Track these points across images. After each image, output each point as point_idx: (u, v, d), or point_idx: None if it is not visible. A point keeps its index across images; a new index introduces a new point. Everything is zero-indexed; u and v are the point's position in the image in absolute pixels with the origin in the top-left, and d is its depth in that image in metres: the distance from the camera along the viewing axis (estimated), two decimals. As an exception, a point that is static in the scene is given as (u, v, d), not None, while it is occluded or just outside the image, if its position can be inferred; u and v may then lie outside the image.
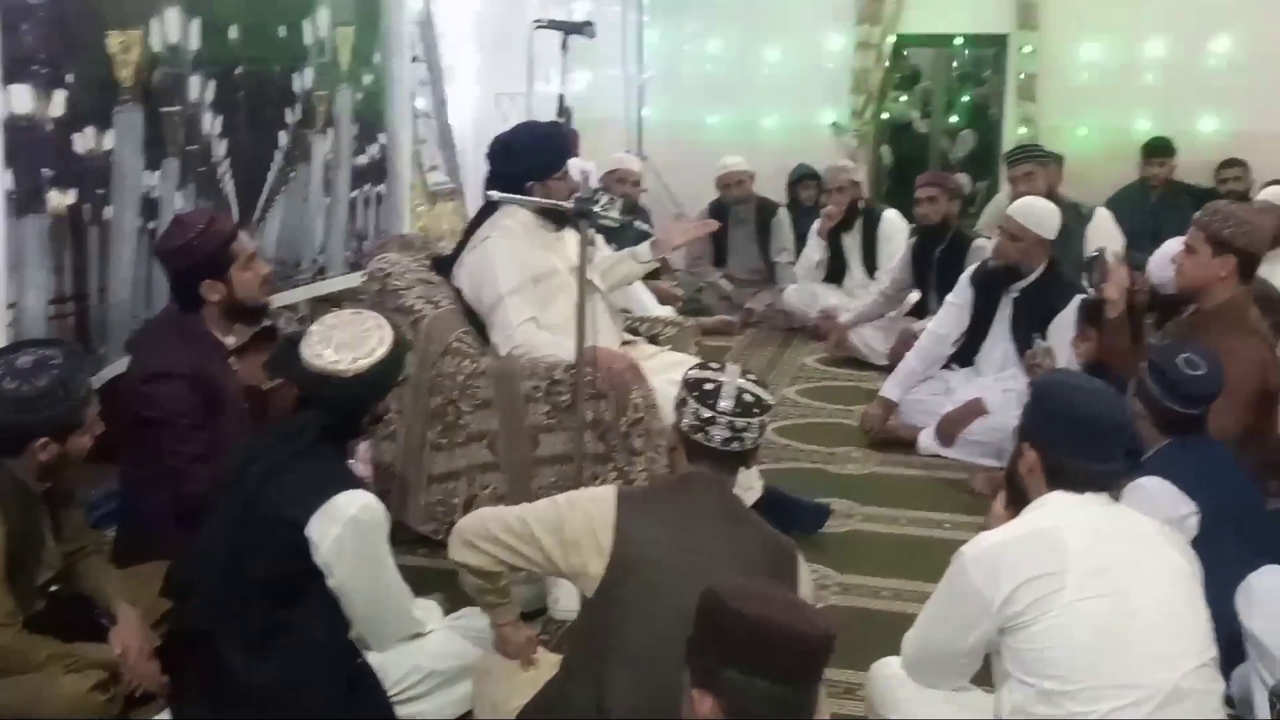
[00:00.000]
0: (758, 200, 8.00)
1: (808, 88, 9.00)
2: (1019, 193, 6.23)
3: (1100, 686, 2.42)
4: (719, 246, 7.99)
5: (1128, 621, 2.46)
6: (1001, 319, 5.62)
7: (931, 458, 5.50)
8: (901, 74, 11.29)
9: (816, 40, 8.97)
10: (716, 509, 2.66)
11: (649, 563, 2.53)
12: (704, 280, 7.96)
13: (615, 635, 2.53)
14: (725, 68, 9.17)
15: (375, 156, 5.91)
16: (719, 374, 2.70)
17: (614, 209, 3.82)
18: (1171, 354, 3.49)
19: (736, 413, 2.64)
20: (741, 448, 2.67)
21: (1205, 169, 8.04)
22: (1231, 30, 8.29)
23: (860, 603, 4.10)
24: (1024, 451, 2.72)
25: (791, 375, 6.82)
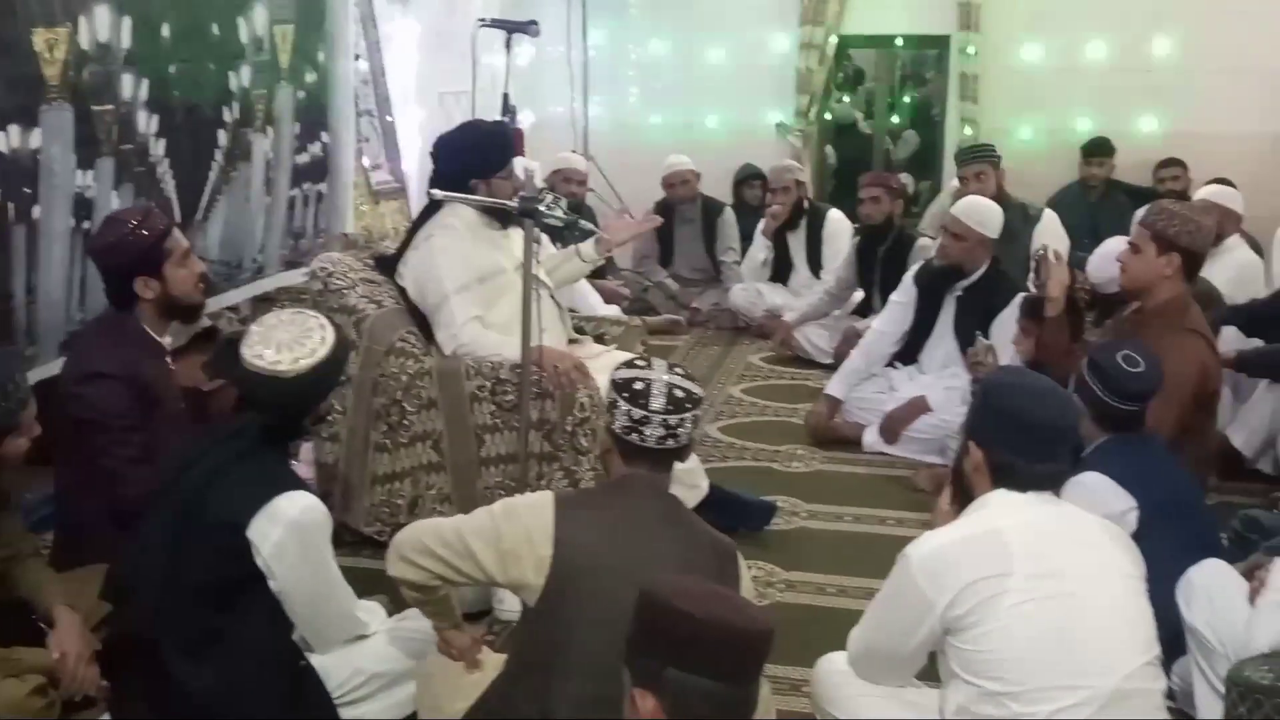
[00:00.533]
0: (703, 200, 8.00)
1: (752, 88, 9.01)
2: (969, 192, 6.28)
3: (1044, 688, 2.43)
4: (665, 246, 7.99)
5: (1071, 623, 2.47)
6: (945, 318, 5.67)
7: (876, 455, 5.54)
8: (845, 75, 11.34)
9: (760, 41, 8.98)
10: (656, 512, 2.64)
11: (590, 572, 2.50)
12: (650, 280, 7.95)
13: (559, 646, 2.51)
14: (670, 68, 9.16)
15: (317, 155, 5.86)
16: (647, 372, 2.67)
17: (559, 208, 3.78)
18: (1111, 352, 3.53)
19: (669, 410, 2.61)
20: (677, 444, 2.65)
21: (1144, 169, 8.12)
22: (1170, 32, 8.38)
23: (806, 599, 4.11)
24: (970, 450, 2.72)
25: (737, 374, 6.83)
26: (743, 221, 8.00)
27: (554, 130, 8.74)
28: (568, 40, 8.70)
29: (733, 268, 7.90)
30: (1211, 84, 8.25)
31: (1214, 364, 4.24)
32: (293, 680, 2.93)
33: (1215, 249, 5.72)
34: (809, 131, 8.92)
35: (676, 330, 7.64)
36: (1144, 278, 4.22)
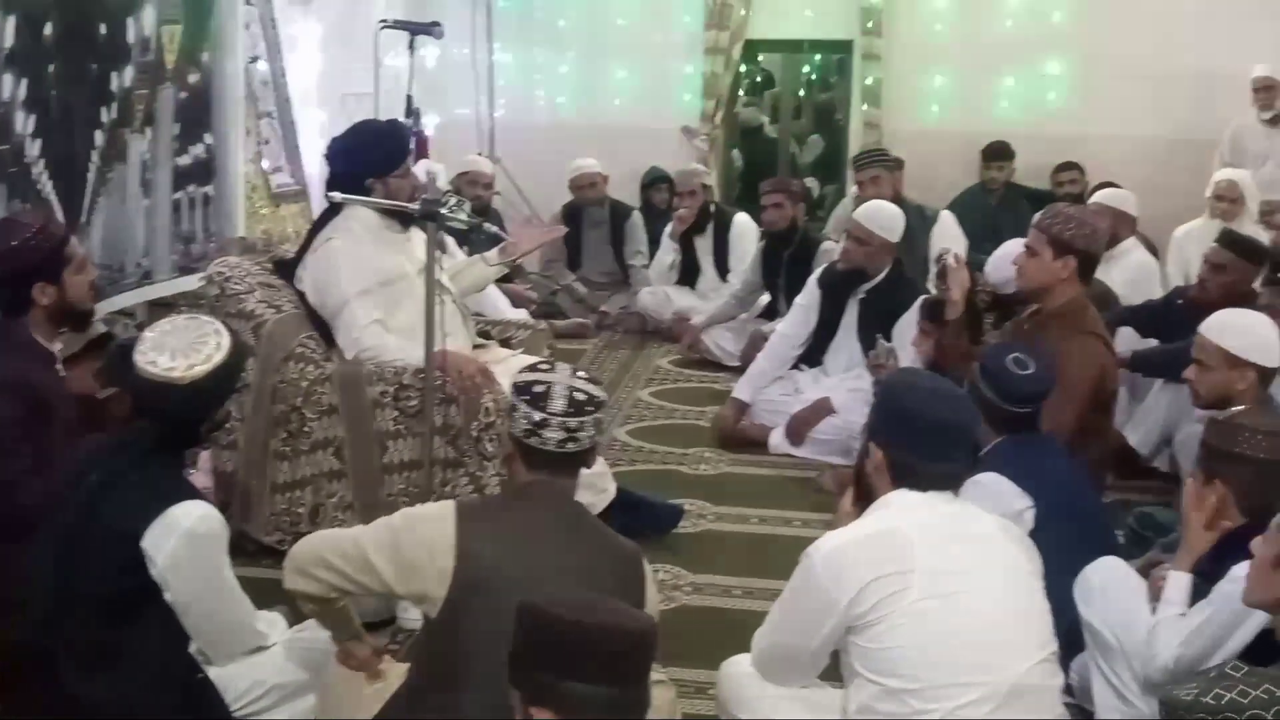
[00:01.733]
0: (611, 203, 8.01)
1: (659, 91, 9.03)
2: (866, 196, 6.35)
3: (944, 684, 2.46)
4: (573, 249, 7.97)
5: (971, 619, 2.50)
6: (848, 320, 5.72)
7: (782, 457, 5.57)
8: (752, 79, 11.41)
9: (667, 45, 9.00)
10: (559, 519, 2.62)
11: (492, 584, 2.46)
12: (558, 283, 7.92)
13: (461, 658, 2.48)
14: (577, 71, 9.14)
15: (200, 157, 5.74)
16: (548, 374, 2.65)
17: (462, 210, 3.77)
18: (1001, 355, 3.58)
19: (569, 413, 2.58)
20: (578, 448, 2.62)
21: (1043, 172, 8.27)
22: (1067, 38, 8.56)
23: (713, 602, 4.12)
24: (871, 450, 2.74)
25: (645, 377, 6.83)
26: (650, 225, 8.01)
27: (460, 133, 8.67)
28: (473, 42, 8.65)
29: (641, 271, 7.90)
30: (1107, 88, 8.43)
31: (1112, 365, 4.32)
32: (190, 693, 2.87)
33: (1111, 251, 5.84)
34: (715, 135, 8.96)
35: (584, 334, 7.62)
36: (1041, 280, 4.28)
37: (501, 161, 8.44)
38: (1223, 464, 2.99)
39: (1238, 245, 5.03)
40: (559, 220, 7.89)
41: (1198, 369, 3.81)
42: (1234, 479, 2.97)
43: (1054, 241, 4.22)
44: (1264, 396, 3.75)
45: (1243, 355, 3.71)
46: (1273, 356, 3.76)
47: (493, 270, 4.71)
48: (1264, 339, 3.77)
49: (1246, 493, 2.96)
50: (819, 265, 6.10)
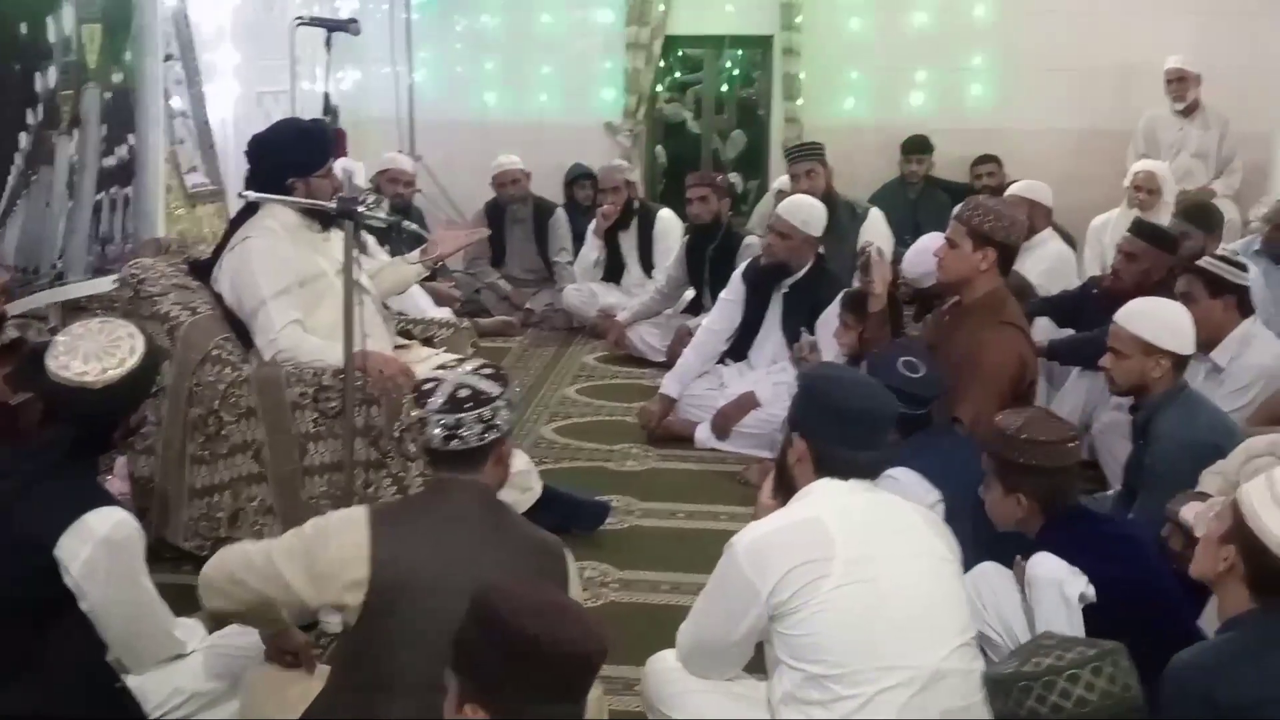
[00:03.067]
0: (535, 200, 7.97)
1: (581, 88, 9.02)
2: (801, 189, 6.38)
3: (865, 669, 2.49)
4: (497, 247, 7.92)
5: (891, 605, 2.54)
6: (773, 314, 5.75)
7: (708, 451, 5.58)
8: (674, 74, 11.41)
9: (588, 41, 8.99)
10: (476, 517, 2.58)
11: (410, 589, 2.44)
12: (482, 281, 7.87)
13: (381, 664, 2.45)
14: (499, 67, 9.10)
15: (124, 158, 5.63)
16: (446, 372, 2.62)
17: (380, 209, 3.72)
18: (891, 360, 3.63)
19: (445, 409, 2.54)
20: (464, 445, 2.55)
21: (961, 165, 8.37)
22: (984, 32, 8.67)
23: (640, 598, 4.13)
24: (793, 441, 2.80)
25: (572, 374, 6.81)
26: (575, 221, 7.99)
27: (380, 130, 8.59)
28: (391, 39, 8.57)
29: (566, 268, 7.88)
30: (1024, 82, 8.56)
31: (1030, 354, 4.38)
32: (108, 702, 2.83)
33: (1028, 242, 5.92)
34: (638, 131, 8.96)
35: (510, 332, 7.58)
36: (962, 273, 4.32)
37: (423, 159, 8.38)
38: (1019, 477, 3.10)
39: (1150, 234, 5.12)
40: (482, 218, 7.86)
41: (1113, 357, 3.86)
42: (1032, 489, 3.10)
43: (974, 233, 4.27)
44: (1179, 382, 3.81)
45: (1157, 342, 3.77)
46: (1186, 343, 3.82)
47: (414, 272, 4.67)
48: (1177, 326, 3.83)
49: (1045, 498, 3.10)
50: (743, 260, 6.11)
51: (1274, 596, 2.39)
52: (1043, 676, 1.91)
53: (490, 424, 2.57)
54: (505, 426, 2.61)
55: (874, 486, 2.78)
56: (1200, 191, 7.60)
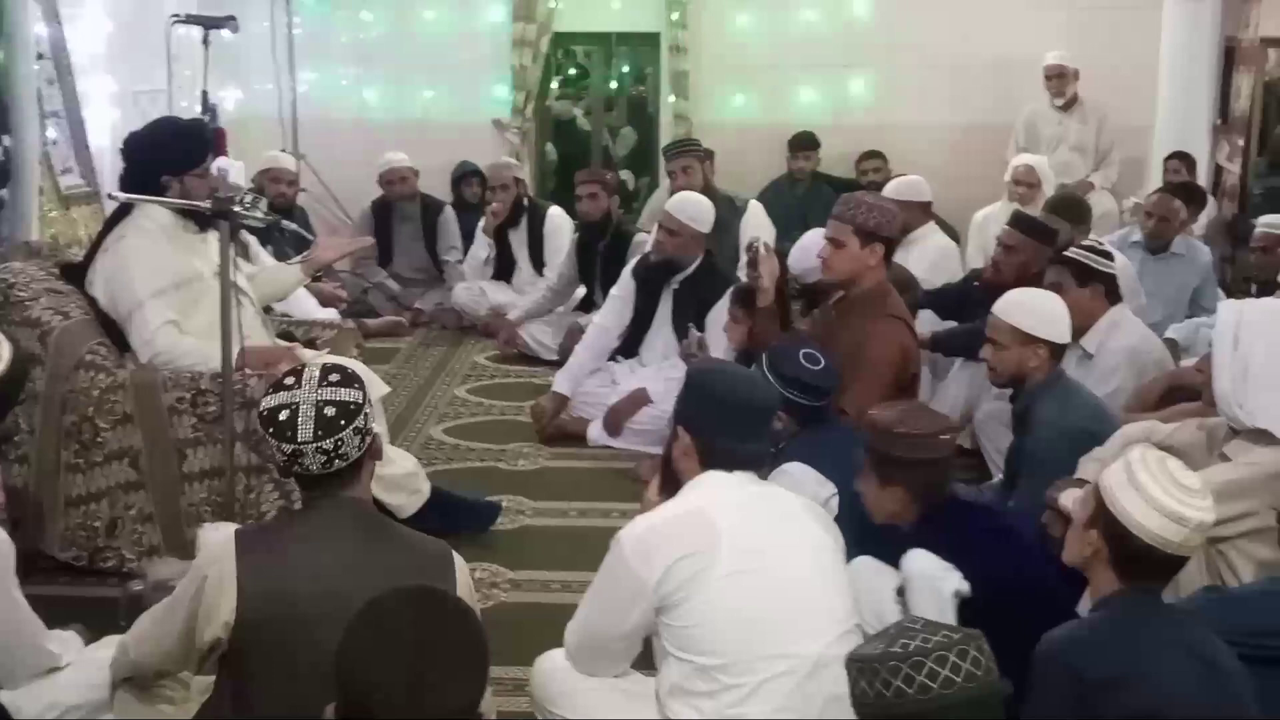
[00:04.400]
0: (422, 198, 7.88)
1: (468, 85, 8.95)
2: (678, 186, 6.39)
3: (751, 658, 2.51)
4: (384, 246, 7.81)
5: (776, 595, 2.56)
6: (663, 311, 5.76)
7: (601, 449, 5.57)
8: (563, 71, 11.40)
9: (475, 38, 8.92)
10: (351, 533, 2.49)
11: (285, 620, 2.38)
12: (369, 281, 7.77)
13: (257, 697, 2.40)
14: (384, 64, 8.99)
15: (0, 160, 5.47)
16: (294, 393, 2.45)
17: (259, 208, 3.64)
18: (789, 353, 3.65)
19: (320, 435, 2.41)
20: (347, 462, 2.47)
21: (847, 161, 8.46)
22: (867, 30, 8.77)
23: (531, 598, 4.11)
24: (679, 435, 2.81)
25: (462, 374, 6.75)
26: (463, 219, 7.93)
27: (262, 129, 8.43)
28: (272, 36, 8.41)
29: (455, 267, 7.81)
30: (907, 79, 8.70)
31: (913, 346, 4.44)
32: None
33: (911, 236, 6.04)
34: (527, 128, 8.93)
35: (398, 332, 7.49)
36: (852, 270, 4.36)
37: (306, 158, 8.26)
38: (895, 469, 3.10)
39: (1028, 227, 5.22)
40: (368, 217, 7.77)
41: (992, 347, 3.92)
42: (908, 481, 3.10)
43: (860, 230, 4.32)
44: (1055, 371, 3.89)
45: (1034, 332, 3.84)
46: (1062, 332, 3.90)
47: (294, 278, 4.59)
48: (1054, 316, 3.91)
49: (921, 490, 3.11)
50: (633, 257, 6.11)
51: (1138, 576, 2.46)
52: (912, 657, 1.94)
53: (365, 430, 2.50)
54: (373, 426, 2.55)
55: (758, 478, 2.80)
56: (1079, 184, 7.79)
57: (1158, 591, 2.51)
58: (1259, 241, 5.72)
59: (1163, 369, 4.54)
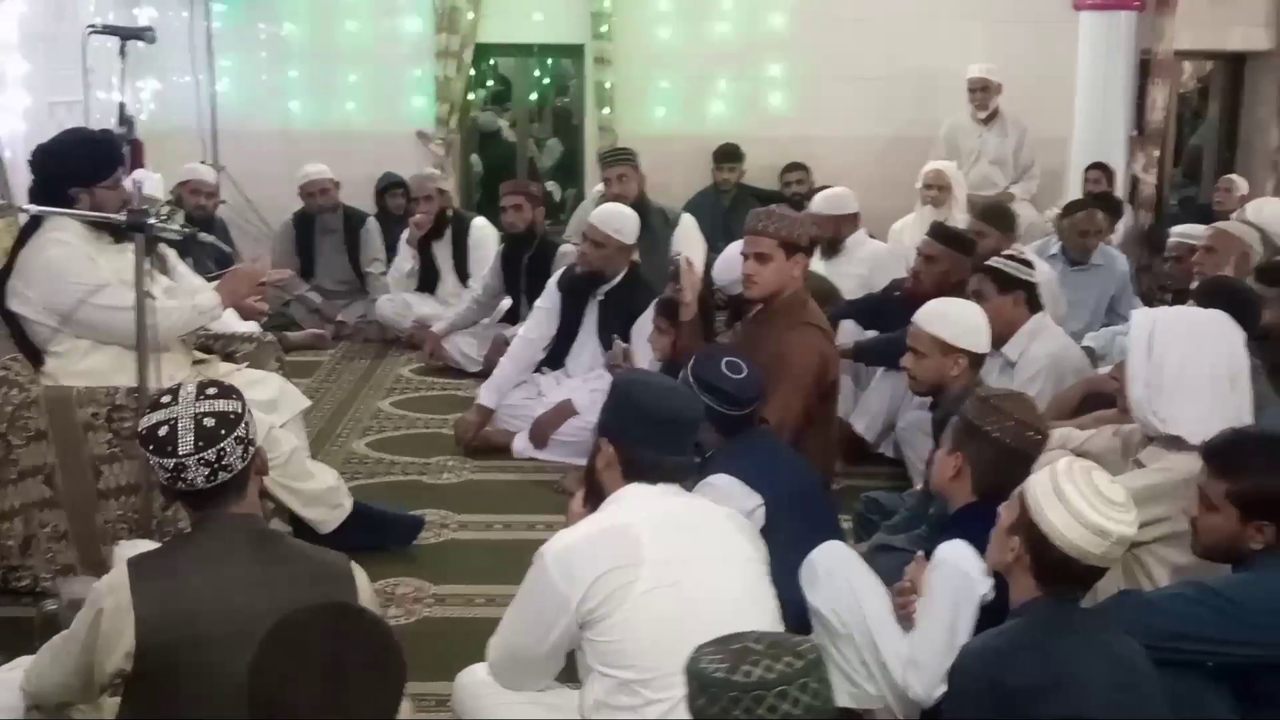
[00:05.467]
0: (345, 209, 7.82)
1: (391, 96, 8.90)
2: (612, 194, 6.40)
3: (674, 672, 2.46)
4: (306, 258, 7.75)
5: (698, 607, 2.55)
6: (588, 322, 5.75)
7: (526, 461, 5.54)
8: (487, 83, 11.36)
9: (397, 48, 8.87)
10: (246, 548, 2.46)
11: (185, 646, 2.34)
12: (291, 293, 7.66)
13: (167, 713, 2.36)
14: (307, 74, 8.91)
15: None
16: (171, 409, 2.43)
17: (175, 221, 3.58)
18: (713, 363, 3.64)
19: (201, 446, 2.40)
20: (232, 474, 2.44)
21: (771, 173, 8.52)
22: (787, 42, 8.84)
23: (455, 612, 4.07)
24: (602, 447, 2.81)
25: (386, 387, 6.69)
26: (387, 231, 7.87)
27: (181, 141, 8.31)
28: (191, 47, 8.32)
29: (378, 279, 7.75)
30: (828, 90, 8.78)
31: (832, 354, 4.47)
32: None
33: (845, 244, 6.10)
34: (451, 139, 8.89)
35: (320, 345, 7.42)
36: (779, 283, 4.36)
37: (226, 169, 8.16)
38: (970, 439, 3.09)
39: (947, 237, 5.29)
40: (289, 229, 7.72)
41: (913, 357, 3.96)
42: (976, 456, 3.08)
43: (785, 243, 4.33)
44: (975, 380, 3.93)
45: (954, 342, 3.89)
46: (981, 342, 3.95)
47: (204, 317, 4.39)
48: (974, 326, 3.96)
49: (984, 471, 3.07)
50: (558, 268, 6.10)
51: (1058, 585, 2.49)
52: (753, 690, 1.93)
53: (248, 440, 2.47)
54: (256, 437, 2.52)
55: (682, 490, 2.80)
56: (1000, 195, 7.90)
57: (1077, 599, 2.54)
58: (1173, 251, 5.83)
59: (1081, 377, 4.61)
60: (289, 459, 4.07)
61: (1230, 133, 9.94)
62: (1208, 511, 2.80)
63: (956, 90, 8.28)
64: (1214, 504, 2.78)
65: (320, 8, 8.85)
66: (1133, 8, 8.33)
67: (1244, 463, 2.76)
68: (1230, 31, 9.33)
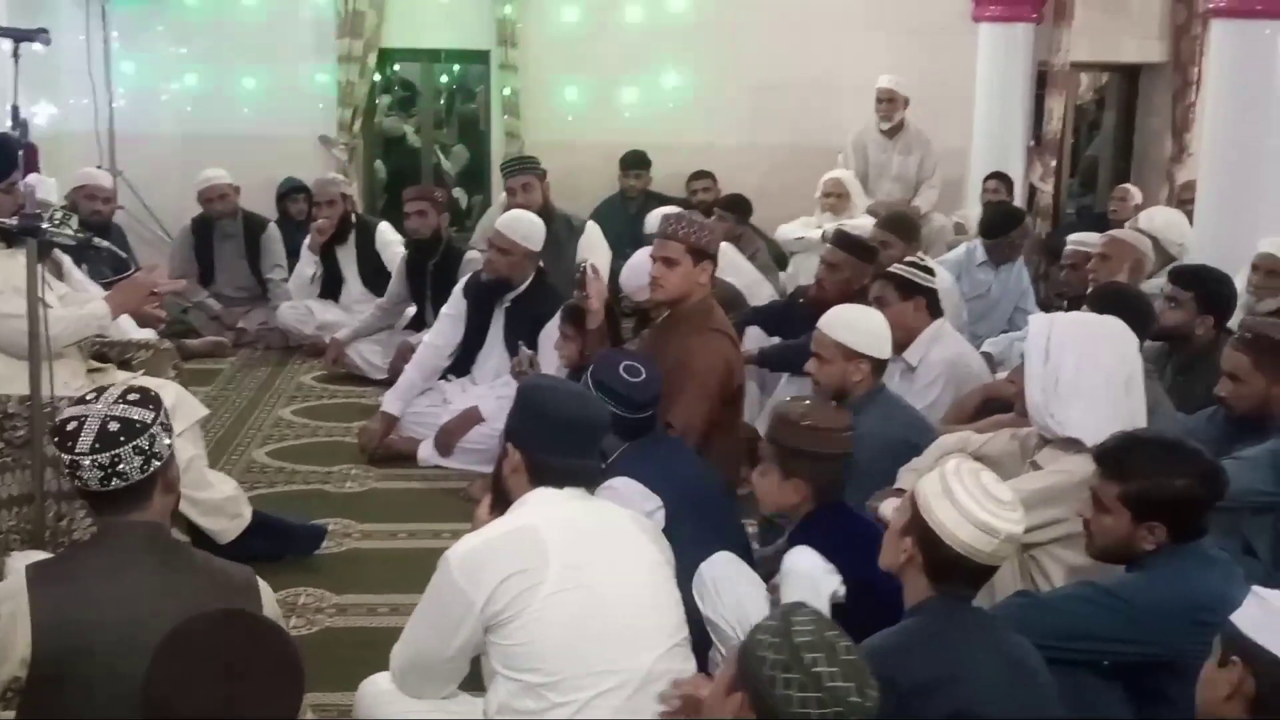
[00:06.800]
0: (245, 215, 7.68)
1: (293, 100, 8.79)
2: (516, 203, 6.37)
3: (580, 675, 2.51)
4: (205, 264, 7.61)
5: (603, 610, 2.56)
6: (495, 329, 5.73)
7: (431, 469, 5.50)
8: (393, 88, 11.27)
9: (299, 53, 8.77)
10: (147, 557, 2.43)
11: (81, 655, 2.29)
12: (190, 300, 7.51)
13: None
14: (205, 79, 8.77)
15: None
16: (89, 405, 2.44)
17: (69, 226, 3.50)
18: (612, 367, 3.66)
19: (96, 448, 2.38)
20: (127, 483, 2.40)
21: (678, 180, 8.54)
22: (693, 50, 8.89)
23: (357, 622, 4.03)
24: (509, 451, 2.81)
25: (288, 395, 6.60)
26: (289, 237, 7.75)
27: (78, 145, 8.13)
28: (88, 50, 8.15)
29: (280, 285, 7.63)
30: (734, 99, 8.85)
31: (737, 360, 4.51)
32: None
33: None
34: (355, 145, 8.80)
35: (220, 353, 7.28)
36: (685, 289, 4.39)
37: (123, 174, 7.99)
38: (796, 461, 3.16)
39: (850, 245, 5.35)
40: (188, 235, 7.58)
41: (817, 362, 4.01)
42: (809, 474, 3.16)
43: (693, 250, 4.36)
44: (877, 385, 3.99)
45: (856, 348, 3.94)
46: (883, 347, 4.01)
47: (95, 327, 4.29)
48: (876, 332, 4.01)
49: (818, 483, 3.17)
50: (464, 275, 6.07)
51: (950, 584, 2.53)
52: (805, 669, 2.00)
53: (150, 453, 2.43)
54: (166, 452, 2.48)
55: (588, 494, 2.81)
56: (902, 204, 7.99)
57: (969, 598, 2.58)
58: (1069, 259, 5.95)
59: (981, 382, 4.69)
60: (187, 468, 3.97)
61: (1125, 143, 10.19)
62: (1101, 513, 2.87)
63: (861, 101, 8.35)
64: (1107, 506, 2.84)
65: (221, 11, 8.71)
66: (1030, 20, 8.49)
67: (1135, 465, 2.82)
68: (1125, 44, 9.58)
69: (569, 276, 6.09)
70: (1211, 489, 2.82)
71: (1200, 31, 8.95)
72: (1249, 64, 5.59)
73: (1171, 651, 2.71)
